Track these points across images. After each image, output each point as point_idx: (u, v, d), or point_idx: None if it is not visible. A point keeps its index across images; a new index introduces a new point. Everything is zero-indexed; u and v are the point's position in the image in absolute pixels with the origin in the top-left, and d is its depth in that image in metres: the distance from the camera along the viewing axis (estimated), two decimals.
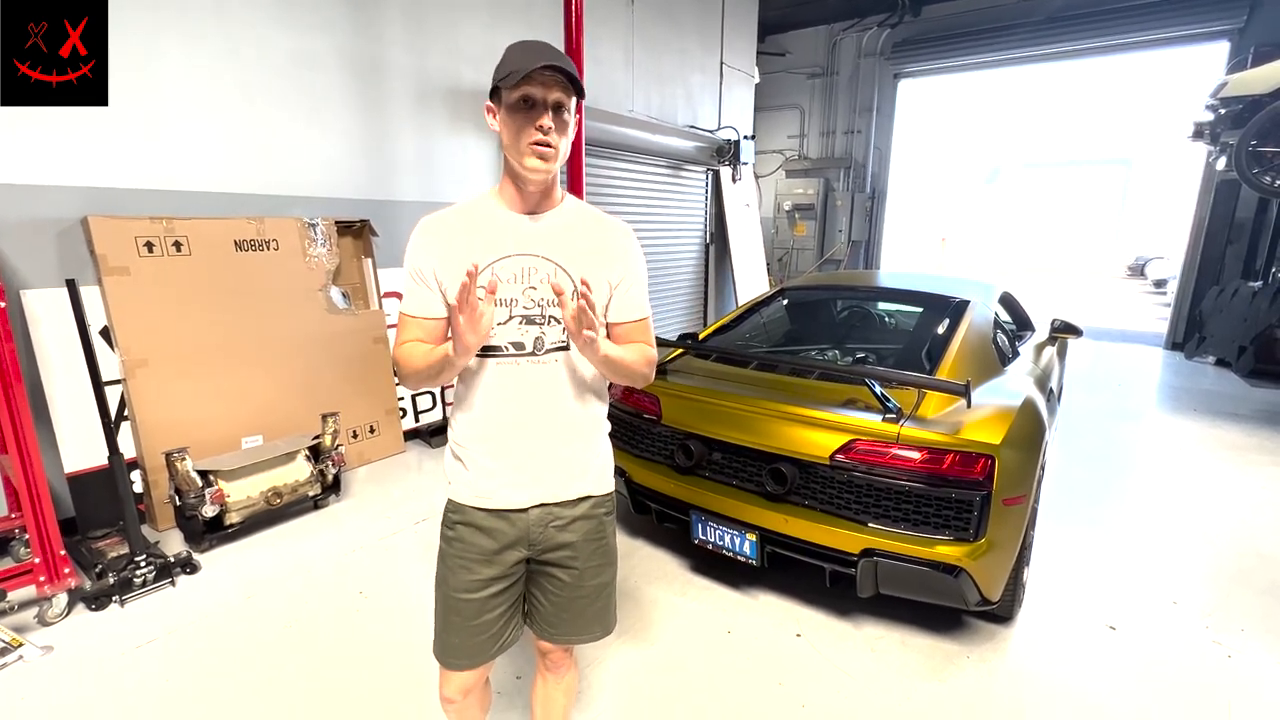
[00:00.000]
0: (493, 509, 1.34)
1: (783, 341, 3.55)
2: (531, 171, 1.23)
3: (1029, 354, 3.28)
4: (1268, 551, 3.03)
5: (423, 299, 1.31)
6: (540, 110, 1.20)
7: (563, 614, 1.44)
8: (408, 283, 1.32)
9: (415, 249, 1.31)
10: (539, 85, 1.19)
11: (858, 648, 2.33)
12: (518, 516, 1.34)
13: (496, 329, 1.26)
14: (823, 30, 9.80)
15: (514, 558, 1.37)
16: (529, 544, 1.37)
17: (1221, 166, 5.89)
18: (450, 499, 1.39)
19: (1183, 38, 7.58)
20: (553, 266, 1.30)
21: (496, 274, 1.26)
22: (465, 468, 1.35)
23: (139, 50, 3.00)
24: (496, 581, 1.36)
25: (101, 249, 2.89)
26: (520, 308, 1.28)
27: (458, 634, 1.38)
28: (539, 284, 1.28)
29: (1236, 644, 2.36)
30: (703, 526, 2.56)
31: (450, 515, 1.39)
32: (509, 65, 1.19)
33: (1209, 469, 4.07)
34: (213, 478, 2.94)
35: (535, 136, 1.20)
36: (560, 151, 1.25)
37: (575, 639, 1.48)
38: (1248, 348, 6.37)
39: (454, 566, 1.36)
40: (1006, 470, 2.11)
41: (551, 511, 1.37)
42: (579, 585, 1.42)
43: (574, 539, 1.39)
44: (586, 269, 1.30)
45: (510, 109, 1.21)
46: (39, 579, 2.35)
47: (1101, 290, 16.99)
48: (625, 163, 6.15)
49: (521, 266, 1.28)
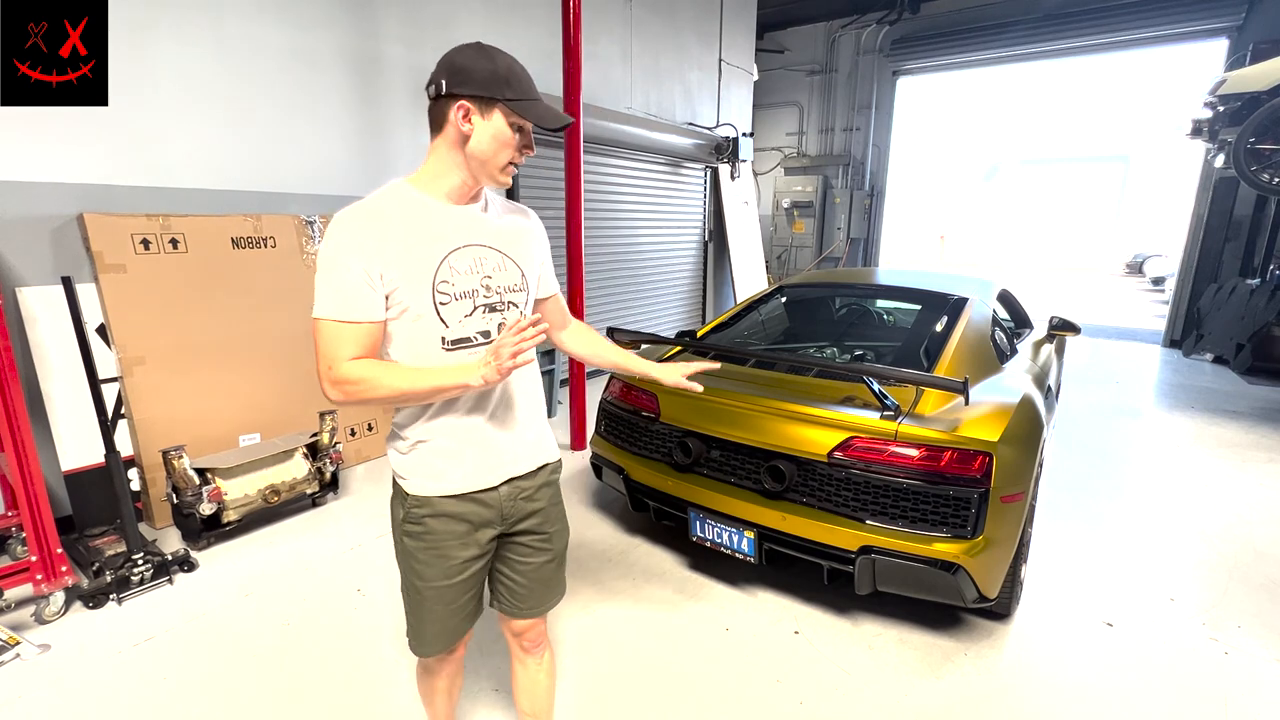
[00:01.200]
0: (463, 494, 1.35)
1: (781, 339, 3.55)
2: (496, 185, 1.31)
3: (1027, 351, 3.28)
4: (1264, 548, 3.04)
5: (365, 301, 1.19)
6: (527, 140, 1.27)
7: (533, 584, 1.48)
8: (343, 285, 1.17)
9: (352, 246, 1.18)
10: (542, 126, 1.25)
11: (856, 645, 2.34)
12: (489, 495, 1.37)
13: (463, 320, 1.28)
14: (821, 27, 9.79)
15: (488, 535, 1.40)
16: (502, 519, 1.40)
17: (1220, 164, 5.89)
18: (412, 495, 1.34)
19: (1181, 35, 7.58)
20: (499, 255, 1.34)
21: (453, 266, 1.26)
22: (430, 460, 1.32)
23: (134, 47, 2.99)
24: (474, 561, 1.39)
25: (98, 246, 2.88)
26: (481, 298, 1.31)
27: (438, 621, 1.41)
28: (493, 272, 1.32)
29: (1233, 640, 2.37)
30: (701, 524, 2.56)
31: (415, 510, 1.34)
32: (517, 88, 1.22)
33: (1206, 466, 4.08)
34: (210, 475, 2.93)
35: (514, 159, 1.27)
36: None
37: (542, 608, 1.52)
38: (1245, 345, 6.38)
39: (428, 559, 1.36)
40: (1004, 467, 2.11)
41: (519, 485, 1.41)
42: (550, 549, 1.49)
43: (542, 505, 1.45)
44: (521, 254, 1.38)
45: (504, 129, 1.24)
46: (36, 577, 2.34)
47: (1099, 287, 17.01)
48: (623, 160, 6.14)
49: (473, 257, 1.30)
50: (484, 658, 2.23)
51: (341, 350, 1.19)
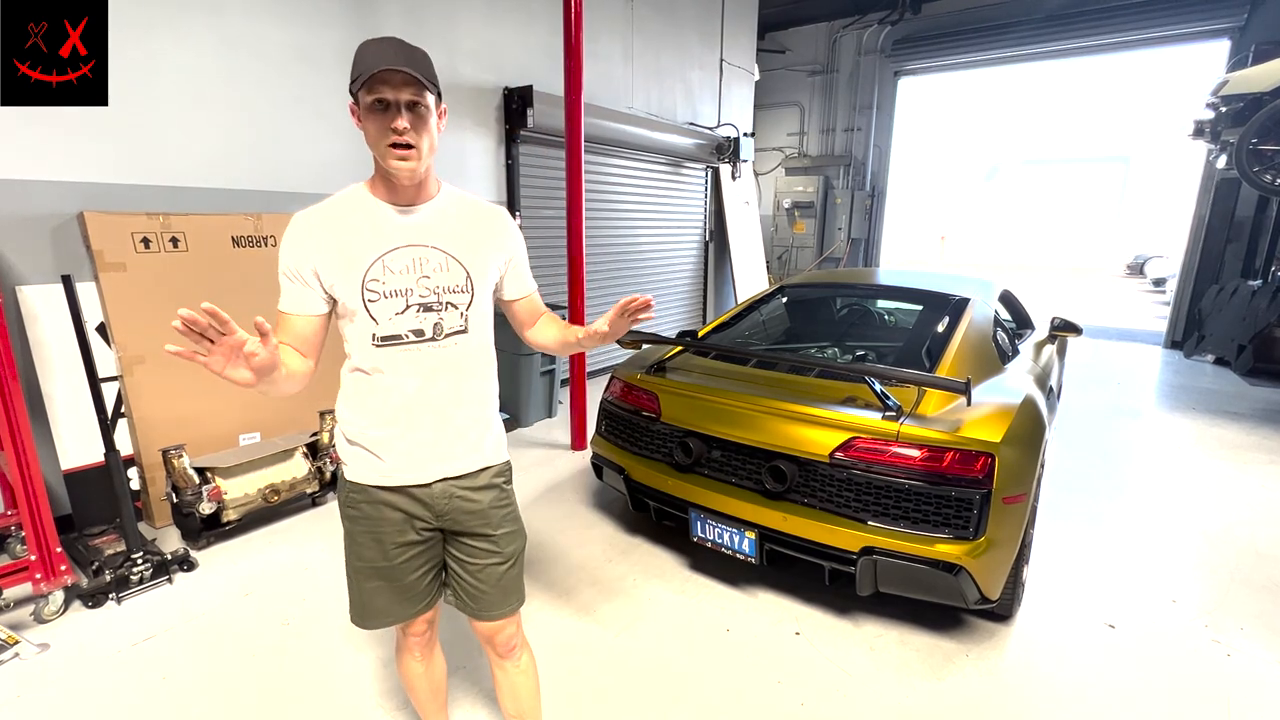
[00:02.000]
0: (396, 486, 1.37)
1: (782, 339, 3.54)
2: (396, 170, 1.26)
3: (1029, 352, 3.27)
4: (1266, 550, 3.03)
5: (298, 296, 1.31)
6: (394, 112, 1.21)
7: (485, 585, 1.47)
8: (284, 281, 1.32)
9: (293, 246, 1.30)
10: (389, 87, 1.20)
11: (857, 646, 2.33)
12: (421, 491, 1.38)
13: (394, 318, 1.30)
14: (823, 27, 9.78)
15: (424, 525, 1.42)
16: (436, 515, 1.41)
17: (1222, 164, 5.89)
18: (349, 480, 1.41)
19: (1183, 36, 7.57)
20: (443, 256, 1.34)
21: (387, 266, 1.29)
22: (366, 450, 1.37)
23: (135, 45, 2.98)
24: (412, 546, 1.42)
25: (98, 245, 2.87)
26: (416, 297, 1.31)
27: (380, 596, 1.44)
28: (432, 273, 1.32)
29: (1236, 642, 2.36)
30: (702, 524, 2.56)
31: (352, 496, 1.41)
32: (358, 67, 1.20)
33: (1208, 467, 4.07)
34: (210, 475, 2.93)
35: (391, 138, 1.22)
36: (424, 149, 1.27)
37: (498, 611, 1.50)
38: (1247, 346, 6.37)
39: (365, 542, 1.41)
40: (1006, 468, 2.11)
41: (453, 485, 1.41)
42: (498, 551, 1.47)
43: (481, 507, 1.44)
44: (476, 255, 1.38)
45: (366, 111, 1.22)
46: (35, 576, 2.34)
47: (1101, 288, 17.00)
48: (624, 160, 6.13)
49: (412, 258, 1.31)
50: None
51: (281, 337, 1.31)
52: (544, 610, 2.52)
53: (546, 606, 2.55)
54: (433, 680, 1.67)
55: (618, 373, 3.05)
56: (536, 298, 1.60)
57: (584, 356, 4.13)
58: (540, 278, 6.21)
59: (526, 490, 3.60)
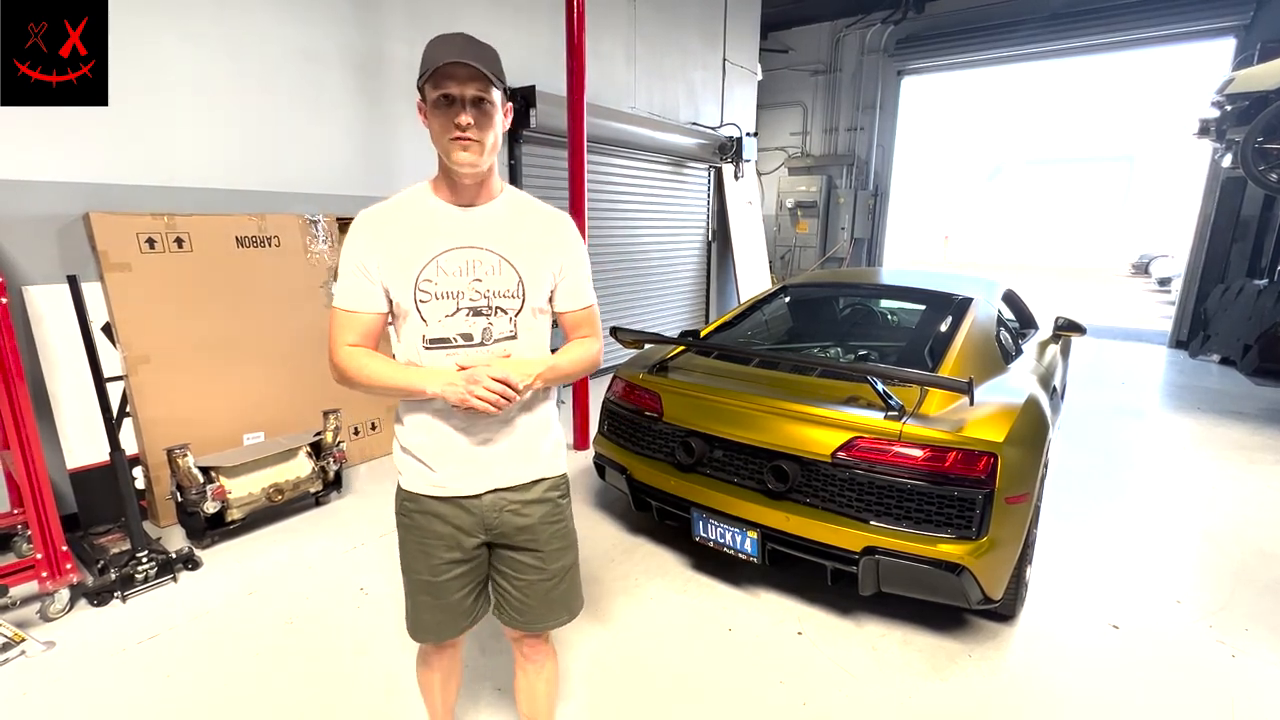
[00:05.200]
0: (447, 497, 1.37)
1: (784, 339, 3.54)
2: (459, 165, 1.24)
3: (1032, 352, 3.27)
4: (1272, 550, 3.01)
5: (362, 293, 1.30)
6: (459, 107, 1.20)
7: (530, 599, 1.46)
8: (346, 277, 1.31)
9: (355, 243, 1.30)
10: (455, 82, 1.19)
11: (859, 646, 2.33)
12: (471, 503, 1.37)
13: (444, 320, 1.29)
14: (826, 27, 9.76)
15: (472, 542, 1.40)
16: (485, 529, 1.40)
17: (1227, 163, 5.85)
18: (403, 488, 1.41)
19: (1188, 34, 7.54)
20: (496, 258, 1.31)
21: (441, 267, 1.27)
22: (417, 459, 1.37)
23: (140, 45, 3.00)
24: (457, 564, 1.40)
25: (103, 245, 2.89)
26: (467, 300, 1.30)
27: (427, 612, 1.44)
28: (484, 276, 1.30)
29: (1240, 643, 2.35)
30: (704, 524, 2.56)
31: (406, 504, 1.41)
32: (425, 62, 1.20)
33: (1213, 467, 4.05)
34: (214, 474, 2.94)
35: (455, 133, 1.21)
36: (487, 144, 1.25)
37: (544, 624, 1.50)
38: (1252, 346, 6.33)
39: (414, 553, 1.41)
40: (1009, 468, 2.10)
41: (505, 497, 1.39)
42: (544, 569, 1.45)
43: (531, 522, 1.41)
44: (529, 260, 1.34)
45: (432, 107, 1.22)
46: (41, 575, 2.35)
47: (1105, 288, 16.93)
48: (627, 160, 6.13)
49: (466, 259, 1.29)
50: (485, 657, 2.23)
51: (339, 335, 1.31)
52: None
53: None
54: (448, 691, 1.66)
55: (620, 372, 3.05)
56: (587, 314, 1.47)
57: None
58: None
59: None
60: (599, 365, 1.52)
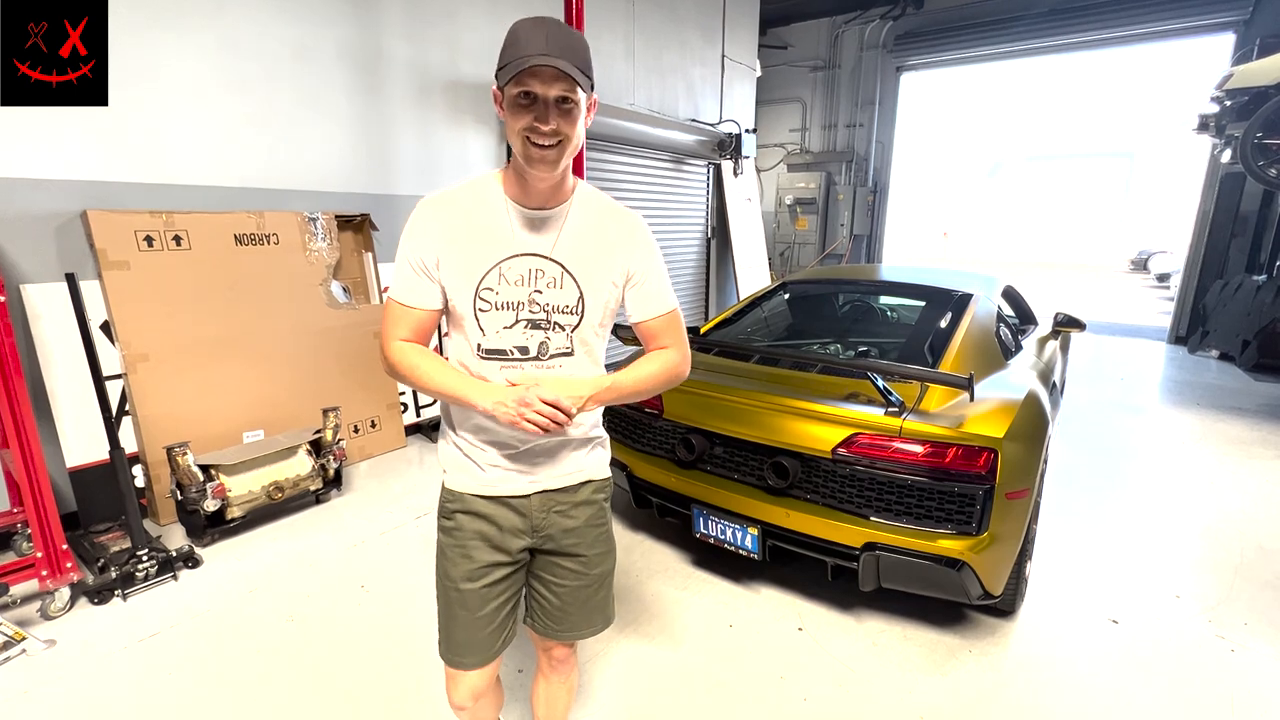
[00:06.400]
0: (494, 496, 1.32)
1: (784, 335, 3.54)
2: (535, 168, 1.15)
3: (1032, 348, 3.27)
4: (1270, 545, 3.02)
5: (420, 289, 1.23)
6: (541, 108, 1.09)
7: (569, 606, 1.42)
8: (404, 269, 1.23)
9: (417, 233, 1.22)
10: (540, 81, 1.08)
11: (859, 641, 2.33)
12: (520, 503, 1.33)
13: (501, 332, 1.23)
14: (825, 23, 9.75)
15: (517, 544, 1.34)
16: (533, 530, 1.35)
17: (1226, 159, 5.85)
18: (448, 488, 1.36)
19: (1187, 29, 7.53)
20: (559, 271, 1.24)
21: (504, 275, 1.21)
22: (465, 456, 1.32)
23: (136, 43, 2.98)
24: (499, 568, 1.34)
25: (101, 243, 2.88)
26: (526, 311, 1.23)
27: (464, 629, 1.34)
28: (545, 288, 1.23)
29: (1239, 638, 2.36)
30: (704, 520, 2.56)
31: (447, 504, 1.35)
32: (508, 53, 1.09)
33: (1211, 463, 4.06)
34: (214, 472, 2.94)
35: (535, 136, 1.11)
36: (570, 145, 1.15)
37: (581, 633, 1.45)
38: (1251, 342, 6.34)
39: (454, 557, 1.33)
40: (1009, 464, 2.10)
41: (553, 498, 1.35)
42: (585, 574, 1.41)
43: (578, 524, 1.38)
44: (592, 272, 1.26)
45: (511, 103, 1.11)
46: (41, 573, 2.35)
47: (1104, 284, 16.93)
48: (626, 156, 6.12)
49: (528, 268, 1.22)
50: None
51: (394, 329, 1.26)
52: None
53: None
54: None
55: None
56: (664, 322, 1.34)
57: None
58: None
59: None
60: (683, 377, 1.37)
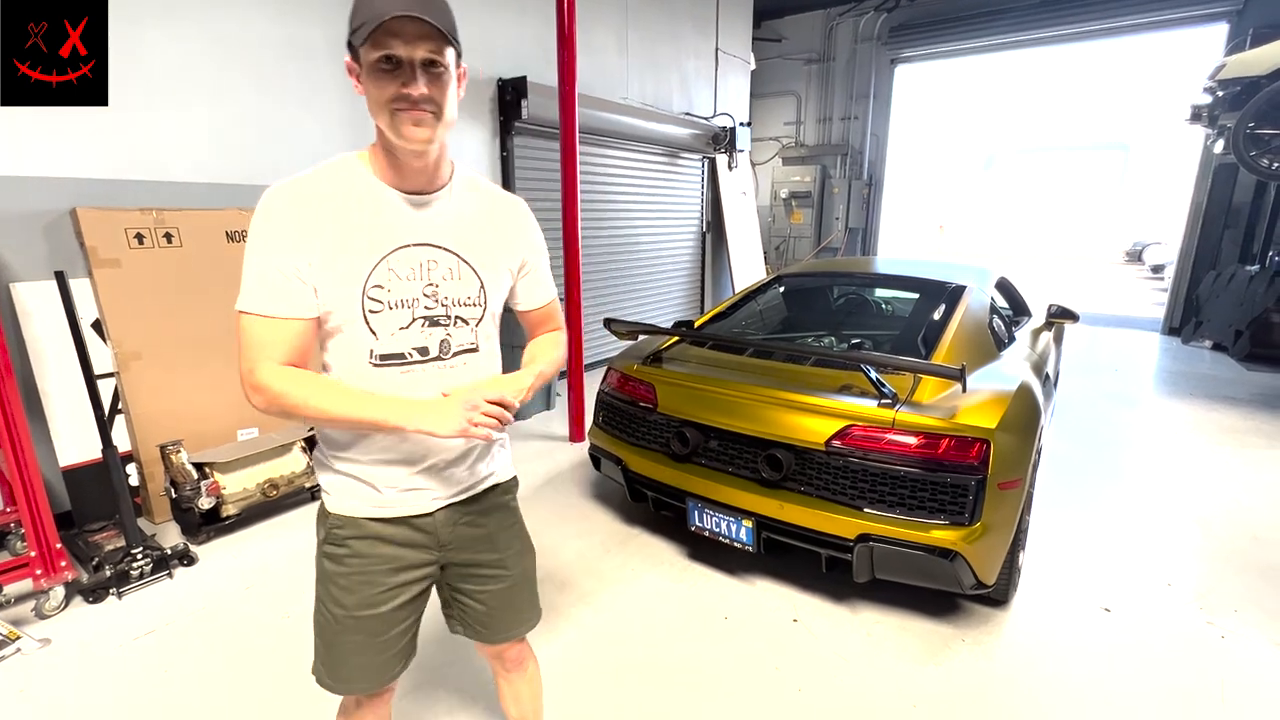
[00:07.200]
0: (395, 517, 1.19)
1: (779, 328, 3.54)
2: (410, 142, 1.02)
3: (1025, 339, 3.28)
4: (1262, 533, 3.04)
5: (292, 295, 1.04)
6: (407, 72, 0.98)
7: (496, 610, 1.35)
8: (265, 276, 1.03)
9: (275, 232, 1.03)
10: (401, 41, 0.96)
11: (854, 632, 2.34)
12: (423, 521, 1.21)
13: (397, 333, 1.10)
14: (819, 15, 9.71)
15: (424, 559, 1.24)
16: (440, 546, 1.25)
17: (1219, 150, 5.86)
18: (336, 513, 1.19)
19: (1181, 20, 7.52)
20: (455, 260, 1.14)
21: (393, 270, 1.08)
22: (356, 479, 1.17)
23: (125, 40, 2.96)
24: (406, 588, 1.23)
25: (91, 241, 2.86)
26: (422, 308, 1.11)
27: (360, 653, 1.23)
28: (440, 281, 1.12)
29: (1230, 625, 2.38)
30: (699, 513, 2.56)
31: (337, 531, 1.19)
32: (360, 14, 0.97)
33: (1204, 452, 4.08)
34: (208, 470, 2.93)
35: (404, 104, 0.99)
36: (445, 115, 1.04)
37: (515, 632, 1.41)
38: (1244, 332, 6.38)
39: (350, 585, 1.19)
40: (1002, 454, 2.11)
41: (460, 510, 1.26)
42: (507, 574, 1.35)
43: (488, 531, 1.30)
44: (490, 260, 1.19)
45: (370, 71, 0.99)
46: (35, 572, 2.34)
47: (1099, 276, 16.98)
48: (620, 150, 6.11)
49: (420, 260, 1.10)
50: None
51: (262, 352, 1.03)
52: (543, 601, 2.52)
53: (546, 597, 2.55)
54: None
55: (614, 364, 3.05)
56: (552, 308, 1.37)
57: (580, 348, 4.13)
58: None
59: (526, 482, 3.61)
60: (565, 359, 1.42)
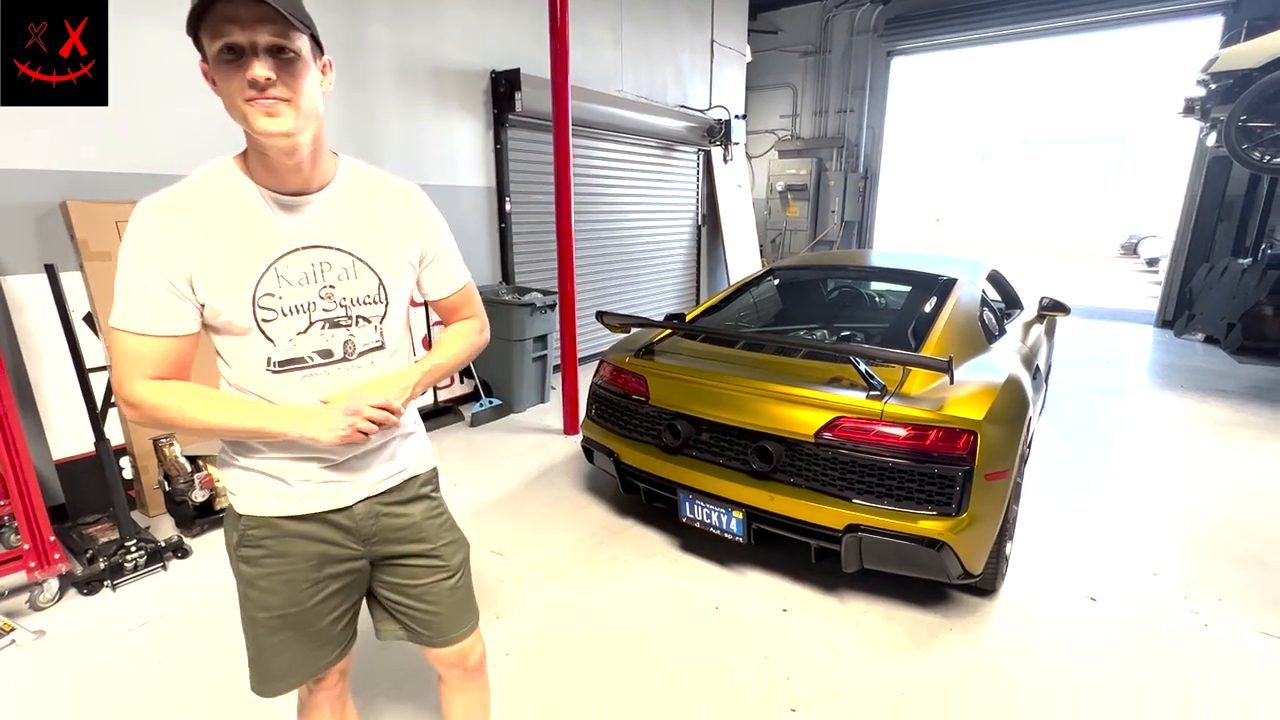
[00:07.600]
0: (310, 514, 1.16)
1: (772, 321, 3.56)
2: (265, 135, 0.96)
3: (1016, 332, 3.30)
4: (1247, 524, 3.08)
5: (171, 311, 1.02)
6: (250, 58, 0.93)
7: (438, 606, 1.30)
8: (143, 291, 1.00)
9: (152, 246, 0.99)
10: (238, 26, 0.91)
11: (843, 622, 2.37)
12: (341, 516, 1.18)
13: (295, 339, 1.08)
14: (815, 7, 9.68)
15: (347, 553, 1.21)
16: (363, 540, 1.22)
17: (1212, 142, 5.89)
18: (247, 514, 1.15)
19: (1177, 12, 7.52)
20: (349, 260, 1.10)
21: (282, 276, 1.05)
22: (266, 475, 1.13)
23: (117, 32, 2.93)
24: (332, 581, 1.20)
25: (82, 234, 2.86)
26: (320, 311, 1.08)
27: (286, 651, 1.20)
28: (336, 282, 1.09)
29: (1213, 613, 2.41)
30: (690, 505, 2.58)
31: (251, 532, 1.15)
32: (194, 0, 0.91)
33: (1194, 444, 4.11)
34: (201, 463, 2.94)
35: (250, 93, 0.93)
36: (301, 107, 0.97)
37: (458, 632, 1.34)
38: (1236, 324, 6.41)
39: (274, 586, 1.16)
40: (989, 445, 2.13)
41: (378, 502, 1.23)
42: (445, 565, 1.30)
43: (413, 520, 1.27)
44: (387, 255, 1.15)
45: (216, 65, 0.94)
46: (29, 565, 2.35)
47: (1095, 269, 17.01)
48: (614, 143, 6.09)
49: (311, 263, 1.07)
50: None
51: (135, 367, 1.02)
52: (536, 591, 2.55)
53: (539, 588, 2.58)
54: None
55: (607, 357, 3.06)
56: (464, 294, 1.32)
57: (574, 340, 4.13)
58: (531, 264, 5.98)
59: (520, 475, 3.62)
60: (486, 342, 1.37)
